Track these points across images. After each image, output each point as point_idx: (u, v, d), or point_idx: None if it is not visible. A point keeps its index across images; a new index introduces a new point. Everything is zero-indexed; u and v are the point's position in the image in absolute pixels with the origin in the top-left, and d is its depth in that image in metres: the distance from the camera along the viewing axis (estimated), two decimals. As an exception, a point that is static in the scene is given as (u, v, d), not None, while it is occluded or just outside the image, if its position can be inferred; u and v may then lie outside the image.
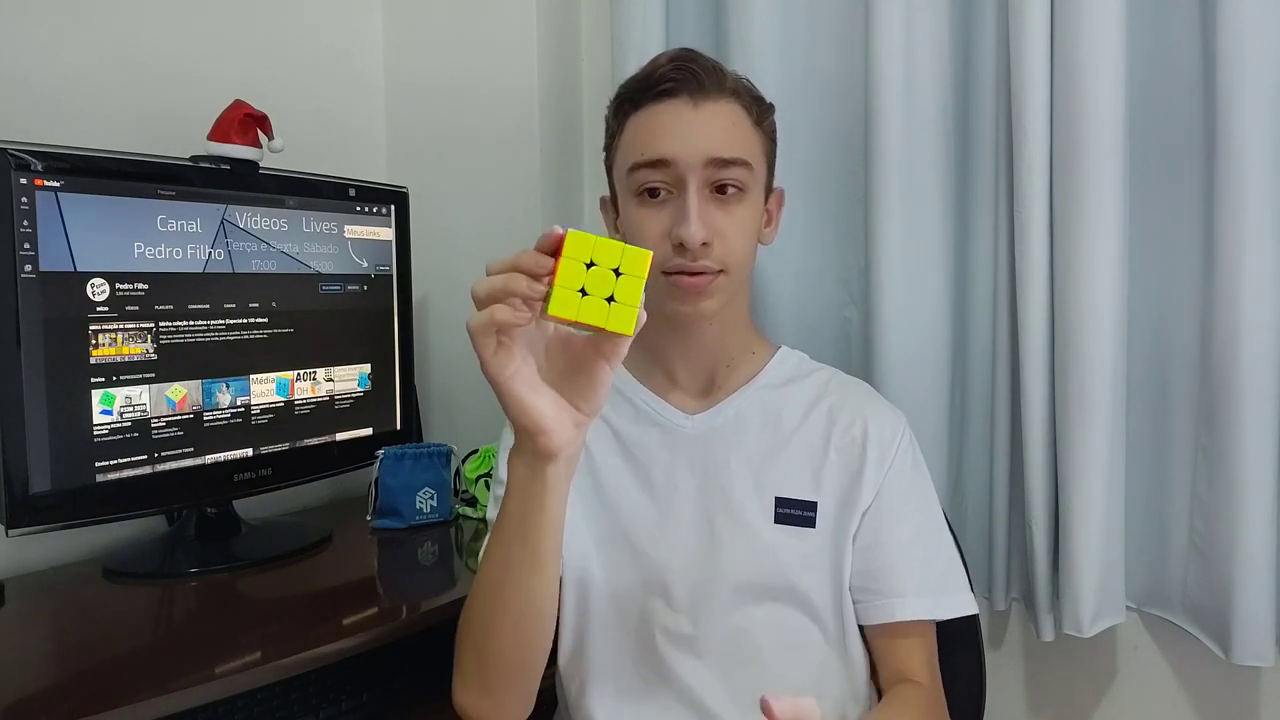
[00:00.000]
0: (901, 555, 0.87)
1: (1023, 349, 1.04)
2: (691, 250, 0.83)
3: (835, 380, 0.96)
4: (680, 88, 0.85)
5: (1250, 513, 0.95)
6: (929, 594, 0.87)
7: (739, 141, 0.86)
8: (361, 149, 1.54)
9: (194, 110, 1.16)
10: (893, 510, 0.88)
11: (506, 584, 0.75)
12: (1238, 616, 0.96)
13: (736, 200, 0.86)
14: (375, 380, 1.32)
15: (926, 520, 0.91)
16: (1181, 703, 1.10)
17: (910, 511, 0.89)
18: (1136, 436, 1.05)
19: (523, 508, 0.71)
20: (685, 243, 0.83)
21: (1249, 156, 0.91)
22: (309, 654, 0.89)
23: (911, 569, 0.87)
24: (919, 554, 0.89)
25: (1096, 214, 0.97)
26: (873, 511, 0.88)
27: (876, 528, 0.88)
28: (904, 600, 0.86)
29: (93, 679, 0.84)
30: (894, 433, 0.91)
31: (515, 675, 0.80)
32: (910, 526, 0.89)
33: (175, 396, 1.09)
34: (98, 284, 1.02)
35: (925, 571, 0.88)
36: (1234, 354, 0.94)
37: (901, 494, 0.89)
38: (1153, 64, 1.01)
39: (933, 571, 0.89)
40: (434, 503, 1.28)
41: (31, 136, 0.98)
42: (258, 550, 1.16)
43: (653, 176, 0.85)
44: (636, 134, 0.87)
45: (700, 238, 0.83)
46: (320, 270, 1.24)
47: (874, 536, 0.88)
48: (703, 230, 0.83)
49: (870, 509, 0.88)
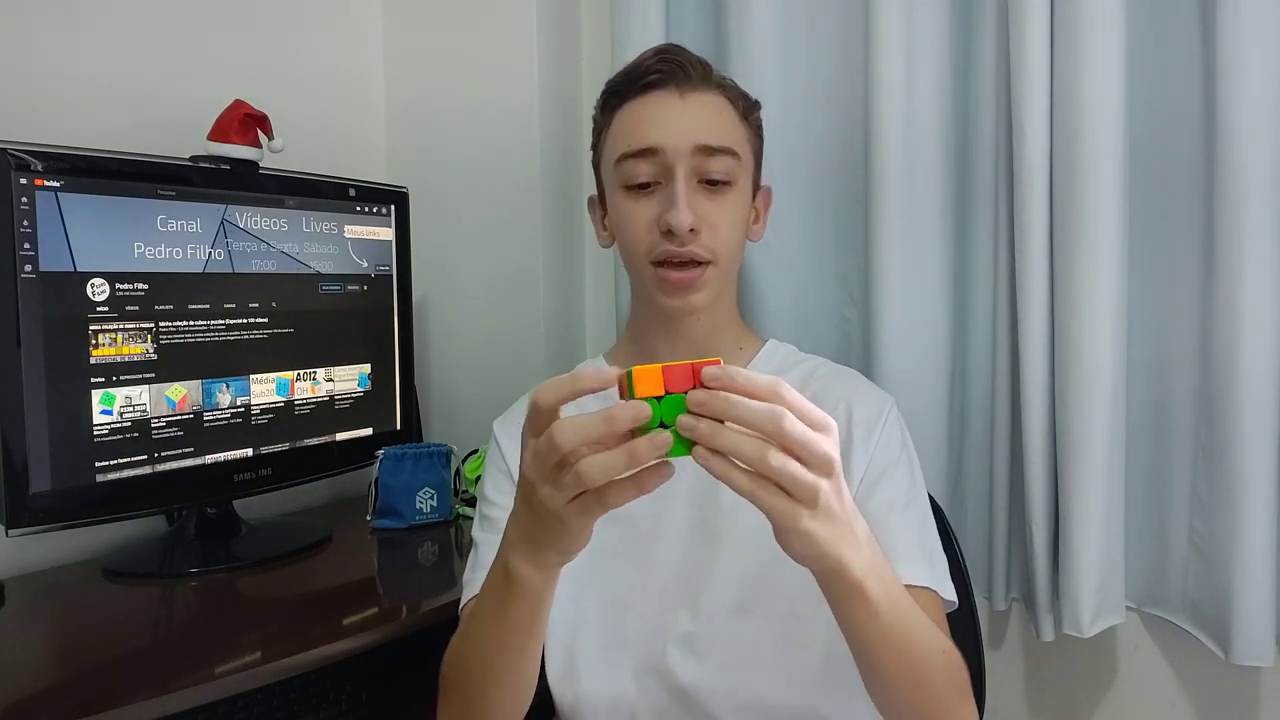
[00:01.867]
0: (892, 520, 0.83)
1: (1023, 349, 1.04)
2: (680, 236, 0.83)
3: (822, 369, 0.95)
4: (666, 79, 0.85)
5: (1250, 513, 0.95)
6: (924, 562, 0.82)
7: (726, 131, 0.86)
8: (361, 149, 1.54)
9: (194, 110, 1.16)
10: (881, 479, 0.86)
11: (506, 662, 0.76)
12: (1238, 616, 0.96)
13: (725, 190, 0.86)
14: (375, 380, 1.32)
15: (916, 496, 0.88)
16: (1181, 703, 1.09)
17: (901, 478, 0.87)
18: (1136, 436, 1.05)
19: (529, 606, 0.70)
20: (674, 228, 0.83)
21: (1249, 168, 0.91)
22: (309, 654, 0.89)
23: (907, 536, 0.83)
24: (913, 520, 0.85)
25: (1096, 216, 0.97)
26: (863, 485, 0.86)
27: (865, 496, 0.85)
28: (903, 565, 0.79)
29: (93, 679, 0.84)
30: (878, 410, 0.89)
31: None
32: (902, 495, 0.86)
33: (175, 396, 1.09)
34: (98, 284, 1.02)
35: (920, 540, 0.84)
36: (1234, 354, 0.94)
37: (888, 467, 0.87)
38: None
39: (925, 545, 0.85)
40: (434, 503, 1.28)
41: (31, 136, 0.98)
42: (258, 550, 1.16)
43: (640, 167, 0.85)
44: (623, 126, 0.87)
45: (689, 223, 0.83)
46: (320, 270, 1.24)
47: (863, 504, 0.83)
48: (691, 216, 0.83)
49: (861, 484, 0.86)
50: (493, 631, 0.74)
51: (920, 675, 0.70)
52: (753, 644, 0.86)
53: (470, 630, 0.80)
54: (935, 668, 0.72)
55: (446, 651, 0.83)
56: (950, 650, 0.74)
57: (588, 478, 0.56)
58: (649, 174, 0.85)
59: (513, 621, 0.72)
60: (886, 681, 0.71)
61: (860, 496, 0.85)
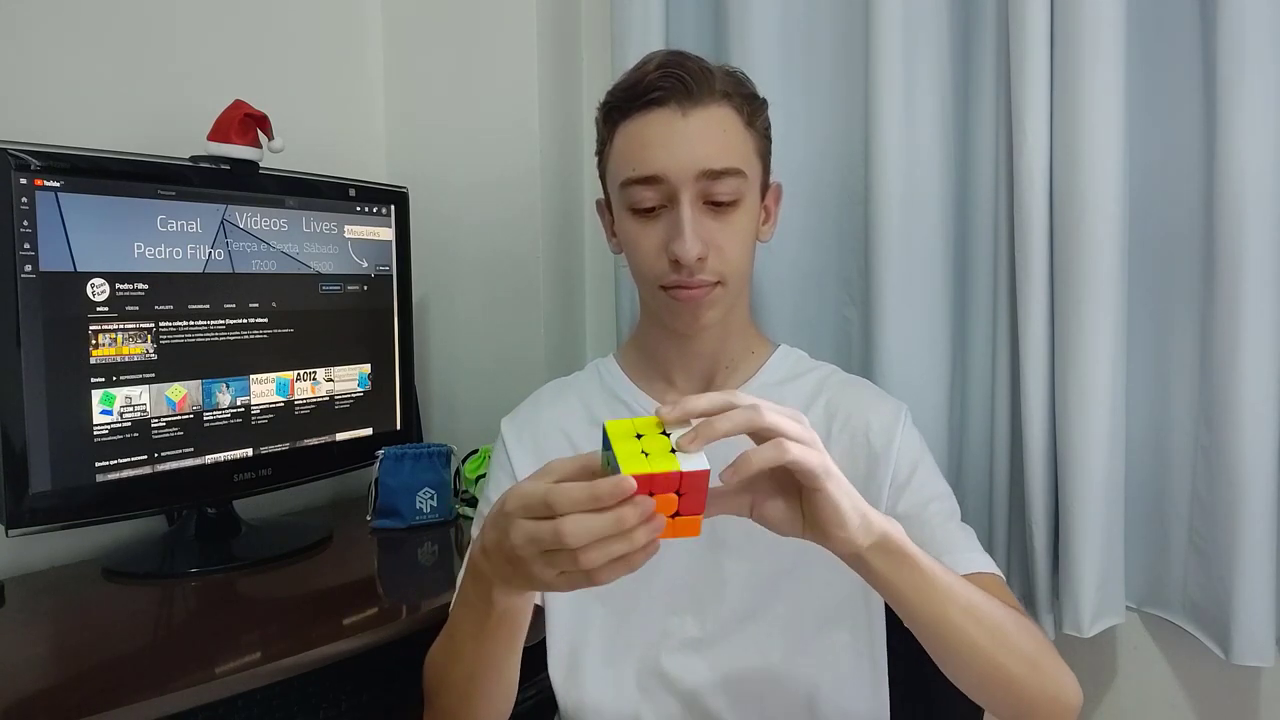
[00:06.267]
0: (931, 511, 0.84)
1: (1023, 348, 1.04)
2: (687, 266, 0.83)
3: (834, 377, 0.95)
4: (668, 96, 0.83)
5: (1250, 513, 0.95)
6: (979, 552, 0.83)
7: (731, 149, 0.84)
8: (362, 149, 1.54)
9: (194, 110, 1.16)
10: (911, 479, 0.86)
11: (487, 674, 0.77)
12: (1238, 616, 0.96)
13: (732, 209, 0.85)
14: (375, 380, 1.32)
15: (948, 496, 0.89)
16: (1181, 703, 1.10)
17: (928, 475, 0.88)
18: (1136, 436, 1.05)
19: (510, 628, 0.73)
20: (680, 259, 0.82)
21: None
22: (309, 654, 0.89)
23: (951, 528, 0.84)
24: (952, 511, 0.86)
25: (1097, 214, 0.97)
26: (893, 489, 0.86)
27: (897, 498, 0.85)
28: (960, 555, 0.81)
29: (93, 679, 0.84)
30: (895, 418, 0.89)
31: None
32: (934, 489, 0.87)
33: (175, 396, 1.09)
34: (98, 284, 1.02)
35: (967, 534, 0.85)
36: (1234, 355, 0.94)
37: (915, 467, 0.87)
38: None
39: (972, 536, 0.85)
40: (434, 503, 1.28)
41: (31, 136, 0.98)
42: (258, 550, 1.16)
43: (645, 193, 0.84)
44: (627, 146, 0.86)
45: (695, 253, 0.82)
46: (320, 270, 1.24)
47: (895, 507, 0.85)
48: (698, 245, 0.82)
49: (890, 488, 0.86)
50: (473, 649, 0.75)
51: (998, 637, 0.69)
52: (760, 652, 0.85)
53: (451, 643, 0.80)
54: (1010, 628, 0.71)
55: (428, 657, 0.84)
56: (1024, 616, 0.73)
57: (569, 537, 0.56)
58: (654, 199, 0.84)
59: (493, 640, 0.74)
60: (965, 651, 0.69)
61: (891, 500, 0.85)
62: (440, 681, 0.82)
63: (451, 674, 0.80)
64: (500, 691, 0.80)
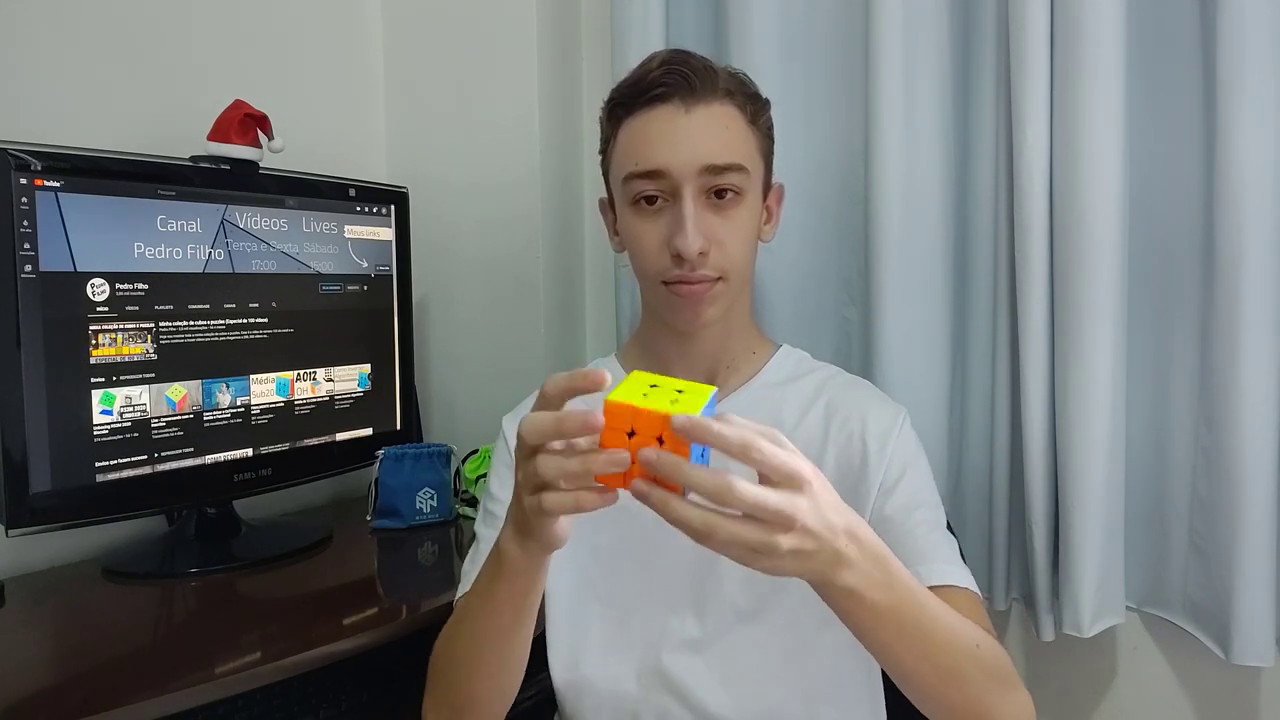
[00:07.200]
0: (914, 518, 0.84)
1: (1023, 348, 1.04)
2: (689, 261, 0.83)
3: (835, 378, 0.95)
4: (671, 92, 0.84)
5: (1250, 513, 0.95)
6: (955, 562, 0.82)
7: (734, 146, 0.85)
8: (362, 149, 1.54)
9: (194, 110, 1.16)
10: (899, 482, 0.86)
11: (491, 645, 0.77)
12: (1238, 616, 0.96)
13: (734, 205, 0.85)
14: (375, 380, 1.32)
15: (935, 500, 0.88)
16: (1181, 703, 1.10)
17: (917, 480, 0.87)
18: (1136, 436, 1.05)
19: (514, 587, 0.72)
20: (682, 253, 0.82)
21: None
22: (309, 654, 0.89)
23: (933, 538, 0.83)
24: (936, 520, 0.86)
25: (1097, 214, 0.98)
26: (881, 491, 0.86)
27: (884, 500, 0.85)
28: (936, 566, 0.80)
29: (93, 679, 0.84)
30: (892, 420, 0.89)
31: (489, 713, 0.81)
32: (920, 495, 0.86)
33: (175, 396, 1.09)
34: (98, 284, 1.02)
35: (946, 539, 0.85)
36: (1234, 355, 0.94)
37: (905, 470, 0.87)
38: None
39: (951, 543, 0.85)
40: (434, 503, 1.28)
41: (31, 136, 0.98)
42: (258, 550, 1.16)
43: (647, 187, 0.85)
44: (630, 141, 0.87)
45: (697, 248, 0.82)
46: (320, 270, 1.24)
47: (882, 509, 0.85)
48: (700, 240, 0.82)
49: (879, 489, 0.86)
50: (481, 613, 0.75)
51: (948, 672, 0.69)
52: (760, 651, 0.85)
53: (461, 617, 0.81)
54: (964, 662, 0.70)
55: (436, 641, 0.83)
56: (985, 643, 0.73)
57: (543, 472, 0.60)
58: (656, 192, 0.85)
59: (500, 601, 0.73)
60: (913, 682, 0.70)
61: (879, 502, 0.85)
62: (444, 657, 0.81)
63: (457, 646, 0.80)
64: (502, 672, 0.78)
